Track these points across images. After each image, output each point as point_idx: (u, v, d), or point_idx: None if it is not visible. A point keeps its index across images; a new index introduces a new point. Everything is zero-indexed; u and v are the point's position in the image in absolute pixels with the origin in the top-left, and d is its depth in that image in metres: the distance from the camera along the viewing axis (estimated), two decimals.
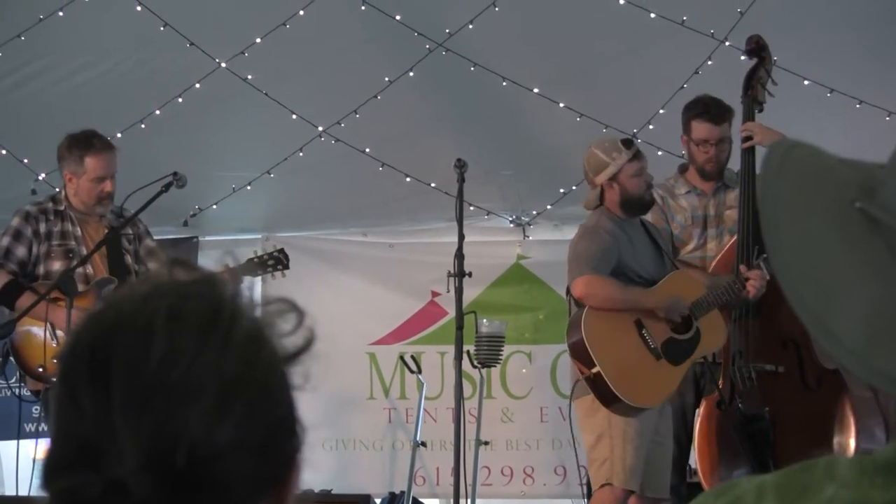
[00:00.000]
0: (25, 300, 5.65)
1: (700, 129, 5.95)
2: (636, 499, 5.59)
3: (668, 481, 5.68)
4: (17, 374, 6.26)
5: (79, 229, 5.90)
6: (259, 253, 6.30)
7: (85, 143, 5.89)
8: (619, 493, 5.50)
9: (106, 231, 5.92)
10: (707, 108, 5.94)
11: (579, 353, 5.50)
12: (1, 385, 7.83)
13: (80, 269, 5.77)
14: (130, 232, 6.03)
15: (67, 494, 1.11)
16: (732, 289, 5.55)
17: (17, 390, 6.23)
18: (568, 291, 5.73)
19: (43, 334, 5.67)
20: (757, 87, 5.86)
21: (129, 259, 5.95)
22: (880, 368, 1.08)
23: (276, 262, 6.18)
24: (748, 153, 5.78)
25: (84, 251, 5.83)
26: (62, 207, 5.92)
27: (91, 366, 1.13)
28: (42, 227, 5.88)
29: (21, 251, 5.85)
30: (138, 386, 1.11)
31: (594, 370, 5.40)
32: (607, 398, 5.43)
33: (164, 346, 1.12)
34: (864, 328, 1.09)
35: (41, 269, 5.85)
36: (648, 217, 5.95)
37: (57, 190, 6.12)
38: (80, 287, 5.74)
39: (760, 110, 5.87)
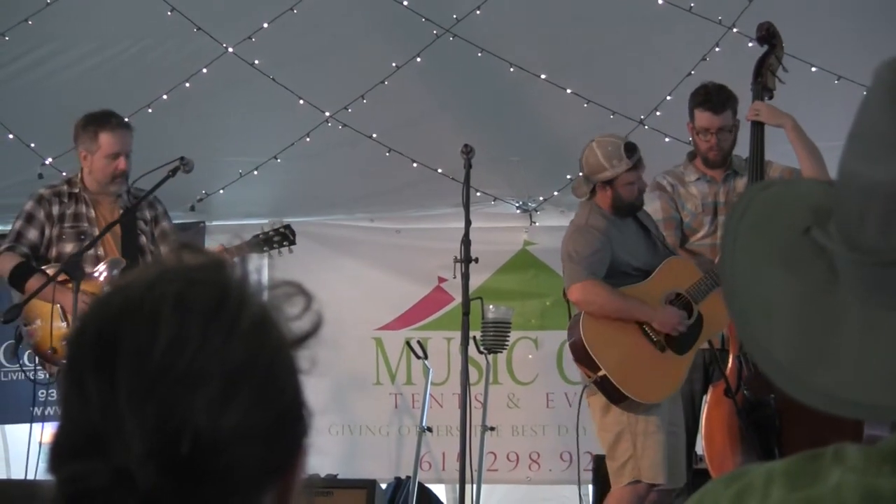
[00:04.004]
0: (35, 283, 5.65)
1: (701, 117, 5.96)
2: (655, 492, 5.60)
3: (684, 470, 5.69)
4: (25, 357, 6.29)
5: (92, 211, 5.91)
6: (265, 229, 6.25)
7: (100, 119, 5.92)
8: (642, 489, 5.50)
9: (120, 212, 5.92)
10: (708, 97, 5.94)
11: (581, 357, 5.51)
12: (8, 369, 7.85)
13: (91, 251, 5.78)
14: (147, 214, 6.03)
15: (74, 482, 1.11)
16: None
17: (30, 374, 6.22)
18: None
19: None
20: (767, 74, 5.85)
21: (143, 240, 5.94)
22: (818, 387, 1.12)
23: (283, 238, 6.15)
24: (756, 141, 5.77)
25: (97, 233, 5.84)
26: (77, 190, 5.94)
27: (97, 353, 1.13)
28: (55, 210, 5.90)
29: (33, 234, 5.87)
30: (144, 373, 1.11)
31: (600, 373, 5.42)
32: (616, 398, 5.44)
33: (170, 334, 1.12)
34: (798, 350, 1.14)
35: (53, 252, 5.86)
36: (657, 205, 5.96)
37: (64, 174, 6.11)
38: (90, 268, 5.75)
39: (770, 97, 5.86)
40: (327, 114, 7.55)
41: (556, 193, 7.84)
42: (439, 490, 7.68)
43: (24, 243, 5.85)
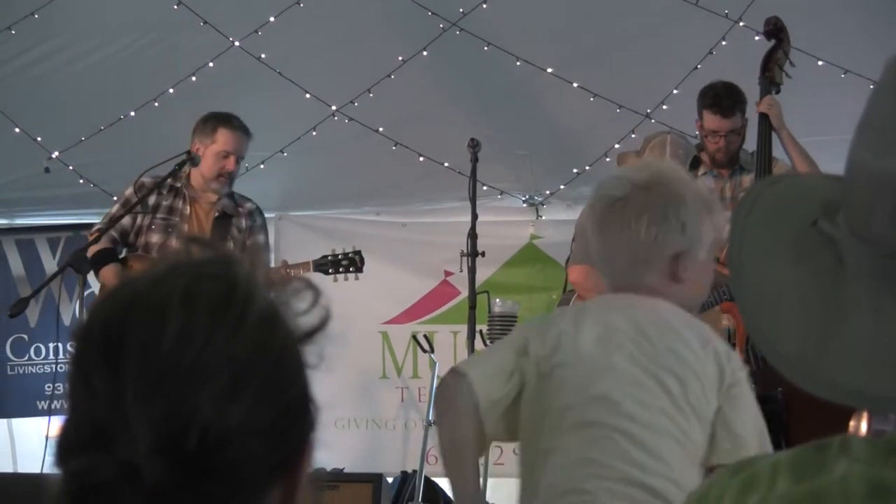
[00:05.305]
0: (108, 271, 5.67)
1: (710, 120, 5.93)
2: None
3: None
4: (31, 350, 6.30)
5: (188, 208, 5.92)
6: (336, 251, 6.23)
7: (222, 117, 5.95)
8: None
9: (216, 216, 5.93)
10: (717, 100, 5.90)
11: None
12: (15, 363, 7.86)
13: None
14: (244, 223, 6.03)
15: (80, 476, 1.11)
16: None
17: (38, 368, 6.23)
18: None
19: None
20: (774, 68, 5.84)
21: (231, 248, 5.91)
22: (824, 377, 1.12)
23: (350, 263, 6.14)
24: (764, 133, 5.76)
25: (186, 230, 5.83)
26: (179, 184, 5.93)
27: (104, 347, 1.13)
28: (151, 199, 5.89)
29: (125, 219, 5.85)
30: (151, 368, 1.11)
31: None
32: None
33: (177, 328, 1.12)
34: (805, 341, 1.15)
35: (142, 240, 5.86)
36: None
37: (71, 168, 6.09)
38: None
39: (777, 91, 5.85)
40: (334, 108, 7.55)
41: (562, 187, 7.83)
42: (445, 484, 7.68)
43: (116, 228, 5.84)
